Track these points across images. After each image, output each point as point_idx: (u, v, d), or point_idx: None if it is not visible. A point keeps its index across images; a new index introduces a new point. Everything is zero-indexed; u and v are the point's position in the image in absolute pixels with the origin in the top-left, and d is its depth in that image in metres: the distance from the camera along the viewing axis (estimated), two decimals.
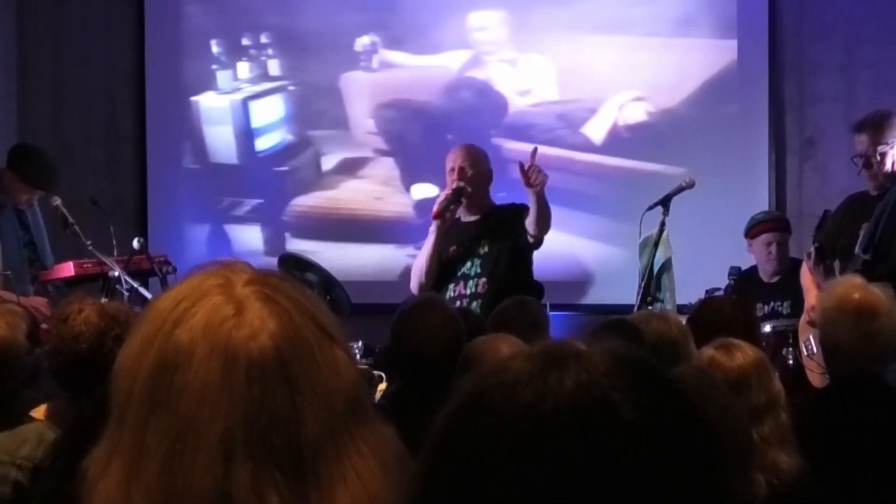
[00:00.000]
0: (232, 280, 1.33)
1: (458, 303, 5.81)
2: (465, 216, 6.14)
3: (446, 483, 1.01)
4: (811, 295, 5.72)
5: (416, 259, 6.28)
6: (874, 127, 5.50)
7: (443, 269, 6.12)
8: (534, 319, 4.78)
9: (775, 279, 6.73)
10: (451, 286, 6.04)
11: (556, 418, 0.98)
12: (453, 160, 6.14)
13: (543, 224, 6.04)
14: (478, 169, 6.12)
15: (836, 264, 5.63)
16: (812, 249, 5.64)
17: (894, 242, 5.17)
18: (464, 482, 1.00)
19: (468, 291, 6.01)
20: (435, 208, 6.06)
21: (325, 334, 1.32)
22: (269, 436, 1.26)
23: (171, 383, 1.27)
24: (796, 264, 6.41)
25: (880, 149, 5.51)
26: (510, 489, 0.98)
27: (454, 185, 6.03)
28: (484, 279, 6.04)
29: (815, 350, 5.57)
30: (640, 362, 1.04)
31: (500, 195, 6.26)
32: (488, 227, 6.09)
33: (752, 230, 6.85)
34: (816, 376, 5.45)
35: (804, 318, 5.74)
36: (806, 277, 5.87)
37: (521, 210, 6.08)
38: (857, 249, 5.31)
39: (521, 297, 5.14)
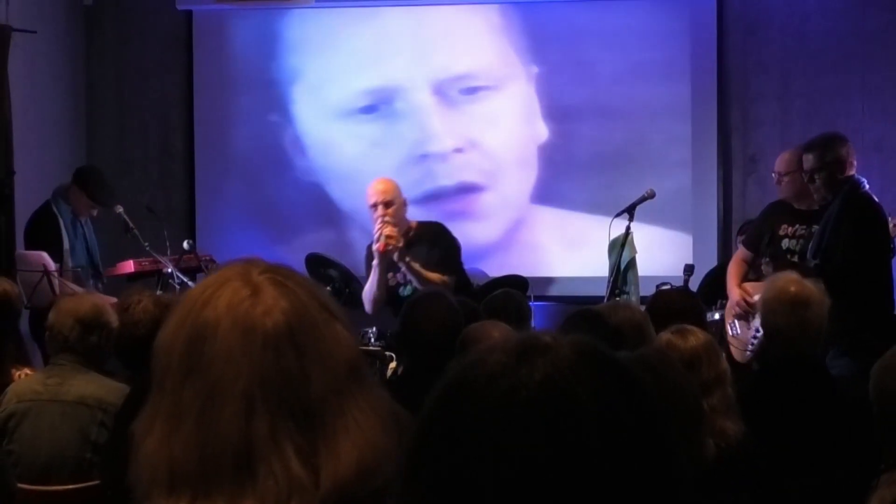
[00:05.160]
0: (249, 270, 1.37)
1: None
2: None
3: (431, 462, 1.00)
4: (734, 293, 5.72)
5: (366, 288, 5.84)
6: (820, 147, 5.40)
7: (389, 297, 5.74)
8: (517, 308, 4.74)
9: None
10: None
11: (527, 408, 0.97)
12: (373, 197, 5.71)
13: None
14: (397, 202, 5.70)
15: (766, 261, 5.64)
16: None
17: (837, 248, 5.17)
18: (446, 462, 0.99)
19: None
20: (379, 246, 5.63)
21: (328, 312, 1.36)
22: (283, 392, 1.30)
23: (202, 352, 1.31)
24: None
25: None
26: (488, 472, 0.96)
27: (384, 232, 5.60)
28: None
29: (738, 332, 5.59)
30: (599, 353, 1.03)
31: None
32: (411, 249, 5.71)
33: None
34: (737, 352, 5.50)
35: (729, 309, 5.71)
36: (730, 278, 5.84)
37: (436, 226, 5.85)
38: (808, 255, 5.31)
39: (508, 290, 5.10)
